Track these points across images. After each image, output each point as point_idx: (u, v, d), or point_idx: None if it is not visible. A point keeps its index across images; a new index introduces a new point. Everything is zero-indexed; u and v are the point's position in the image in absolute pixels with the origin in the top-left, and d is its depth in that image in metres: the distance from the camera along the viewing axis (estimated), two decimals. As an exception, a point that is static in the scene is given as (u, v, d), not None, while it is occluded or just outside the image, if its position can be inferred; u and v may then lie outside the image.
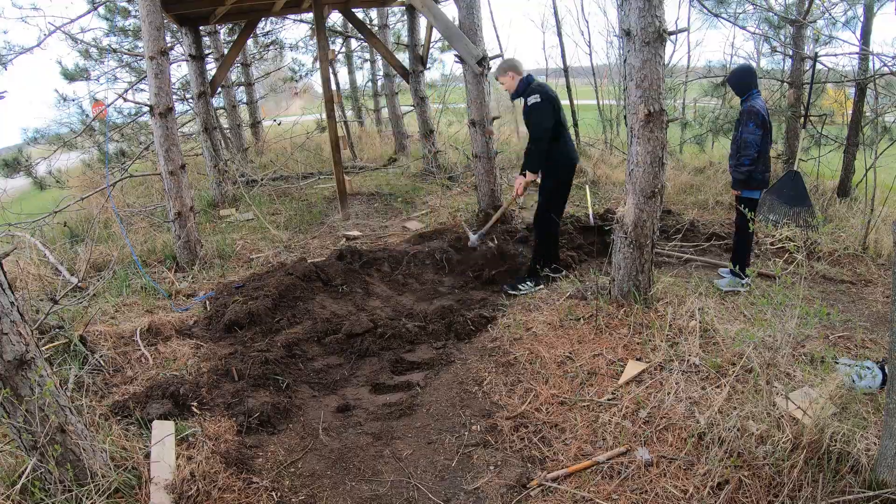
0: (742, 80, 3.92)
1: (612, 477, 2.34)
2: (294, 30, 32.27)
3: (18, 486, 2.02)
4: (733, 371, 2.77)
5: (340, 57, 12.53)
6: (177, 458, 2.45)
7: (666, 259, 4.86)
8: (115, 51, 9.82)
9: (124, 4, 9.57)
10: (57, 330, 3.45)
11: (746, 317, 3.53)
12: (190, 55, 7.20)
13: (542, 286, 4.23)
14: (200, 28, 7.40)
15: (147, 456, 2.44)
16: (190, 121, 10.70)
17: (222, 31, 10.40)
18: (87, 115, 9.26)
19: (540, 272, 4.24)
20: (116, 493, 2.21)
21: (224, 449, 2.62)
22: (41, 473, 2.06)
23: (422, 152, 8.86)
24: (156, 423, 2.68)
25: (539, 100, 4.01)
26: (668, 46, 6.33)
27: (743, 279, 3.94)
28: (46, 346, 3.28)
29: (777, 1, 6.85)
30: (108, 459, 2.27)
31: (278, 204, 7.44)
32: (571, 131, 10.09)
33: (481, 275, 4.54)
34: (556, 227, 4.37)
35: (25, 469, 2.04)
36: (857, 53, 5.91)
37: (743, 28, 6.96)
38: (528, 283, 4.24)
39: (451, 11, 11.93)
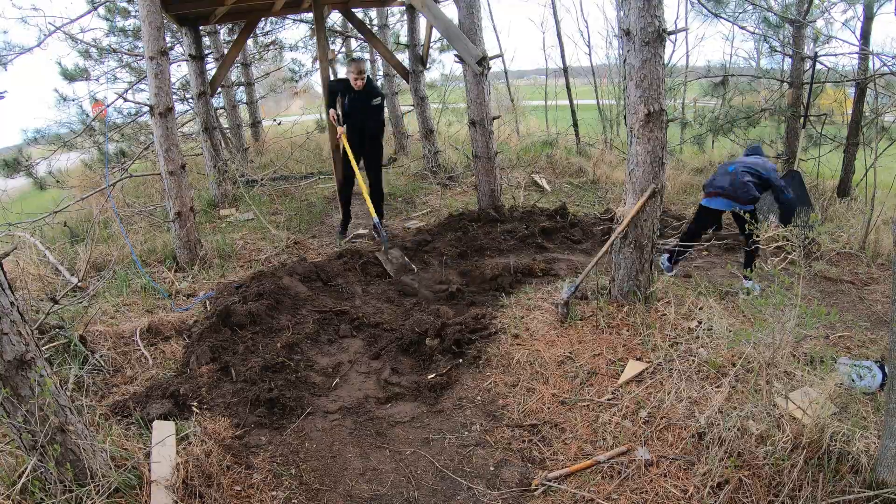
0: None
1: (612, 477, 2.34)
2: (294, 30, 32.23)
3: (18, 486, 2.02)
4: (733, 371, 2.77)
5: (340, 57, 12.53)
6: (177, 458, 2.45)
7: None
8: (115, 51, 9.81)
9: (124, 4, 9.56)
10: (57, 330, 3.44)
11: (746, 317, 3.53)
12: (190, 55, 7.20)
13: None
14: (200, 28, 7.40)
15: (147, 456, 2.44)
16: (190, 121, 10.70)
17: (222, 31, 10.40)
18: (87, 115, 9.25)
19: None
20: (117, 492, 2.21)
21: (225, 449, 2.62)
22: (41, 473, 2.06)
23: (422, 152, 8.86)
24: (156, 424, 2.68)
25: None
26: (668, 46, 6.33)
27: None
28: (46, 346, 3.28)
29: (776, 1, 6.85)
30: (109, 459, 2.27)
31: (278, 204, 7.44)
32: (571, 131, 10.17)
33: (482, 275, 4.54)
34: None
35: (25, 469, 2.04)
36: (856, 53, 5.91)
37: (742, 28, 6.96)
38: None
39: (451, 11, 11.92)
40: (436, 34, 8.79)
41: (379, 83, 13.08)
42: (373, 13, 11.41)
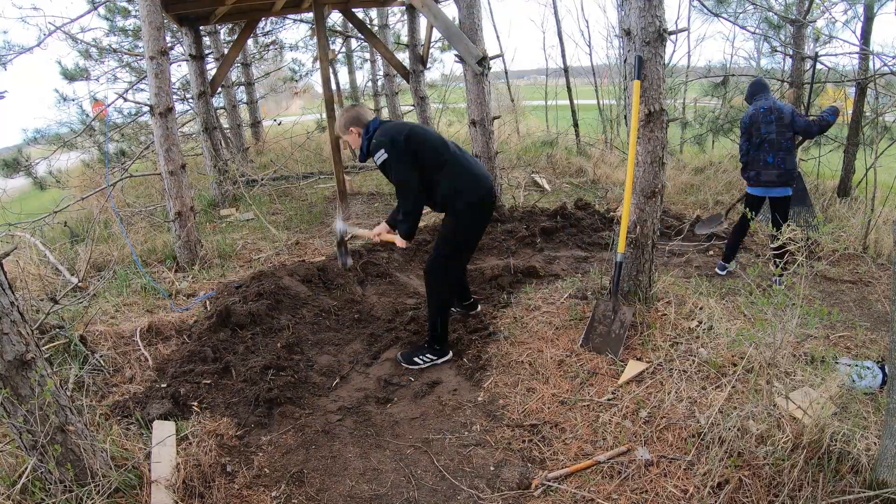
0: (747, 90, 4.50)
1: (612, 477, 2.34)
2: (294, 30, 32.30)
3: (19, 486, 2.02)
4: (733, 371, 2.77)
5: (340, 57, 12.53)
6: (177, 458, 2.45)
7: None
8: (115, 51, 9.82)
9: (124, 4, 9.57)
10: (57, 330, 3.44)
11: (747, 317, 3.52)
12: (190, 55, 7.20)
13: (448, 356, 3.39)
14: (200, 28, 7.40)
15: (148, 456, 2.44)
16: (190, 121, 10.71)
17: (222, 30, 10.41)
18: (87, 115, 9.26)
19: (441, 343, 3.36)
20: (117, 492, 2.21)
21: (224, 449, 2.62)
22: (41, 473, 2.06)
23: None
24: (156, 424, 2.68)
25: (386, 154, 3.05)
26: (669, 46, 6.33)
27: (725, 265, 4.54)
28: (46, 346, 3.28)
29: (777, 0, 6.86)
30: (109, 459, 2.27)
31: (278, 204, 7.44)
32: (571, 131, 10.16)
33: (482, 275, 4.54)
34: (451, 290, 3.44)
35: (25, 469, 2.04)
36: (857, 53, 5.91)
37: (743, 28, 6.97)
38: (426, 355, 3.36)
39: (451, 11, 11.92)
40: (436, 34, 8.79)
41: (379, 83, 13.09)
42: (373, 13, 11.42)
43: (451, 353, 3.41)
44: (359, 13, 9.88)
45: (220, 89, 9.68)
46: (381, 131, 3.13)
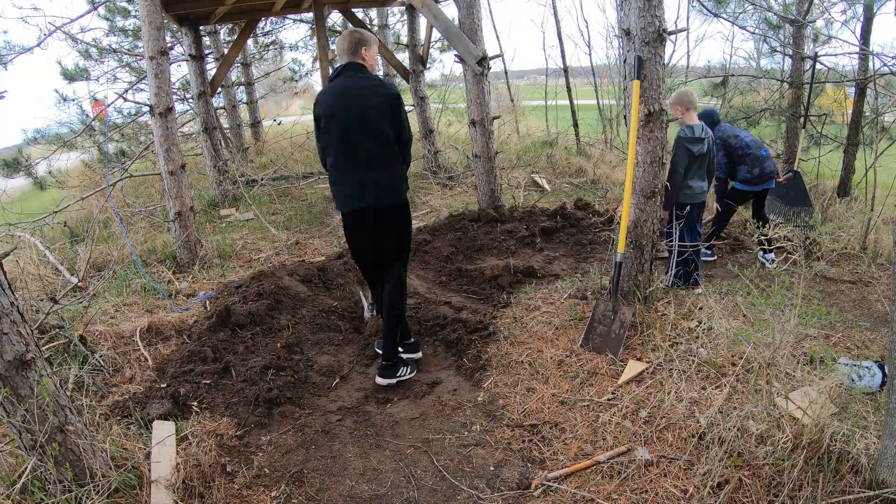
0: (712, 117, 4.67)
1: (612, 477, 2.34)
2: (294, 30, 32.25)
3: (18, 486, 2.02)
4: (733, 371, 2.77)
5: (340, 57, 12.52)
6: (177, 458, 2.45)
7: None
8: (115, 51, 9.82)
9: (124, 4, 9.58)
10: (57, 330, 3.44)
11: (746, 317, 3.52)
12: (190, 55, 7.20)
13: (419, 354, 3.45)
14: (200, 28, 7.40)
15: (147, 456, 2.44)
16: (190, 121, 10.71)
17: (222, 30, 10.42)
18: (87, 115, 9.26)
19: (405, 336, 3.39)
20: (116, 492, 2.21)
21: (224, 449, 2.62)
22: (41, 473, 2.06)
23: (422, 152, 8.86)
24: (156, 424, 2.68)
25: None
26: (668, 46, 6.34)
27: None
28: (46, 346, 3.28)
29: (777, 1, 6.86)
30: (109, 459, 2.27)
31: (278, 204, 7.44)
32: (569, 132, 10.17)
33: (482, 275, 4.54)
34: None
35: (25, 469, 2.04)
36: (856, 53, 5.91)
37: (742, 28, 6.97)
38: (405, 366, 3.26)
39: (451, 11, 11.91)
40: (436, 34, 8.79)
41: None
42: (373, 13, 11.41)
43: (420, 353, 3.48)
44: (359, 13, 9.87)
45: (219, 89, 9.68)
46: (330, 85, 3.04)
